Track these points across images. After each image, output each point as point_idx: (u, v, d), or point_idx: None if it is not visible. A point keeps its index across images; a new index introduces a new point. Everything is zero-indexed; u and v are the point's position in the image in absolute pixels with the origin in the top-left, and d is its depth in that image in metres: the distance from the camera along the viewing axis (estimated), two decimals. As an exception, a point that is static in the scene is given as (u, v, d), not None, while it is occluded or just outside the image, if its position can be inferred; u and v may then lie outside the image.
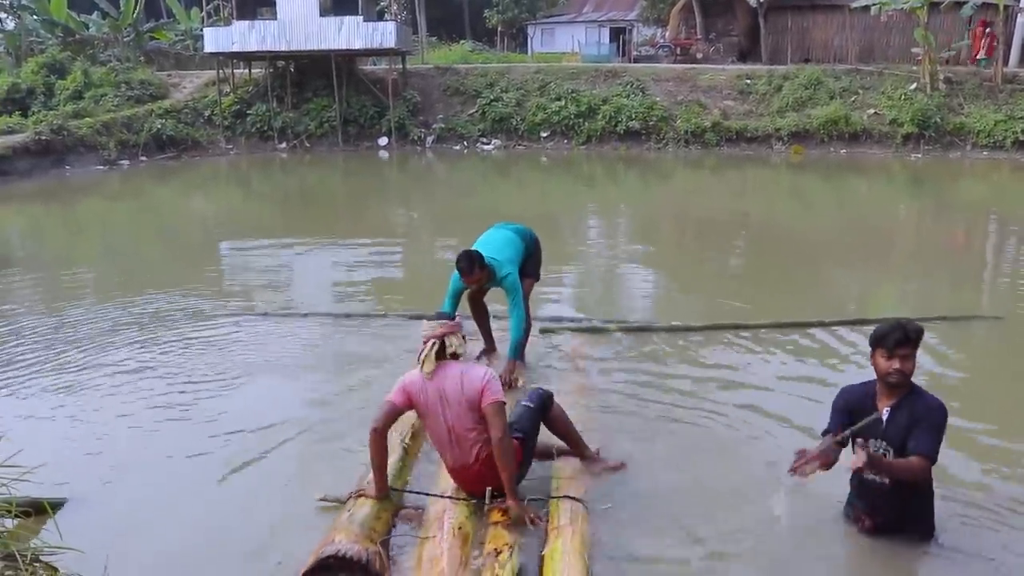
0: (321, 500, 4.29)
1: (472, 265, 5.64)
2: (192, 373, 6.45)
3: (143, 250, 12.55)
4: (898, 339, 3.65)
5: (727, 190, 19.17)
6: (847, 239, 12.70)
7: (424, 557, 3.76)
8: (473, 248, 5.85)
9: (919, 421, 3.66)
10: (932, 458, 3.65)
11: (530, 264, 6.32)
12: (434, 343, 3.99)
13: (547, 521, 3.98)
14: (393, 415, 4.06)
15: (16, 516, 3.83)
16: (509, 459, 3.90)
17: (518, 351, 5.94)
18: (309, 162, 24.60)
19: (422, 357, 4.00)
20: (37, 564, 3.45)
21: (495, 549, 3.72)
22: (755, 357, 6.67)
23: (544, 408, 4.42)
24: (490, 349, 6.58)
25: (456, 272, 5.74)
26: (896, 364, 3.65)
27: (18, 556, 3.32)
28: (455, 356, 4.03)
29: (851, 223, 14.46)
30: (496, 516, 4.00)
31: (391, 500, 4.14)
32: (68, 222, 16.12)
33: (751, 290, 8.95)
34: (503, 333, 6.41)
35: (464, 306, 6.13)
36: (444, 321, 4.06)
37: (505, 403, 3.96)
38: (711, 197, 18.01)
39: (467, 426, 3.96)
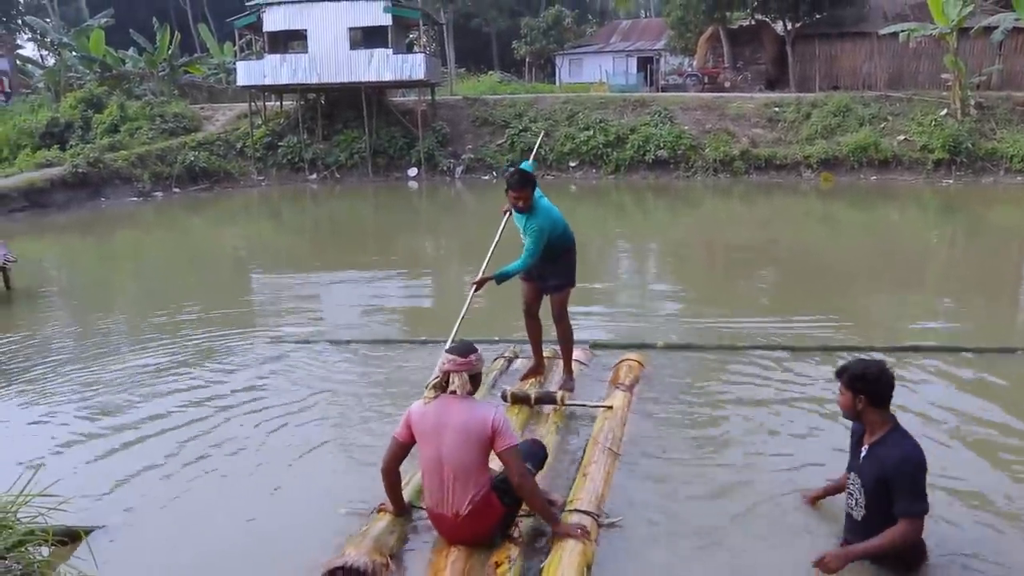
0: (347, 512, 4.44)
1: (523, 183, 5.77)
2: (226, 401, 6.50)
3: (177, 280, 12.70)
4: (837, 375, 3.86)
5: (757, 218, 19.08)
6: (880, 266, 12.58)
7: (431, 570, 3.91)
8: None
9: (890, 480, 3.64)
10: (917, 514, 3.62)
11: (565, 263, 6.17)
12: (438, 377, 4.03)
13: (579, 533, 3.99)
14: (398, 453, 4.09)
15: (52, 544, 3.87)
16: (534, 496, 3.94)
17: (501, 276, 5.78)
18: (339, 193, 24.85)
19: (428, 384, 4.10)
20: (71, 592, 3.48)
21: (495, 562, 3.86)
22: (794, 377, 6.63)
23: (539, 467, 4.42)
24: (538, 368, 6.43)
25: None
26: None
27: (53, 584, 3.35)
28: (469, 393, 3.99)
29: (884, 250, 14.33)
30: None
31: (409, 516, 4.29)
32: (104, 253, 16.37)
33: (790, 315, 8.87)
34: (553, 359, 6.61)
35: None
36: (453, 358, 3.97)
37: (517, 445, 3.95)
38: (741, 225, 17.93)
39: (460, 465, 3.88)
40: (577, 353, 6.69)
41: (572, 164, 26.28)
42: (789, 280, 11.67)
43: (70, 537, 4.13)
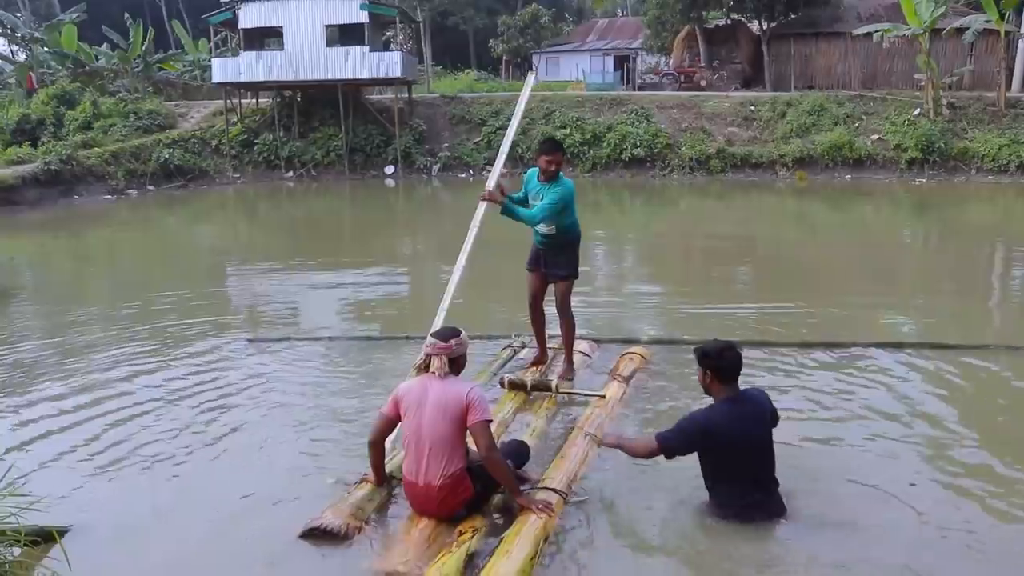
0: (334, 482, 4.72)
1: (555, 148, 6.06)
2: (199, 397, 6.45)
3: (151, 278, 12.59)
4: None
5: (733, 216, 19.20)
6: (853, 264, 12.71)
7: (401, 533, 4.21)
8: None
9: None
10: (659, 439, 4.29)
11: (571, 258, 6.31)
12: (424, 359, 4.34)
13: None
14: (384, 426, 4.41)
15: (24, 544, 3.84)
16: (501, 468, 4.18)
17: (509, 209, 6.12)
18: (316, 191, 24.74)
19: (413, 366, 4.49)
20: (45, 592, 3.45)
21: (459, 531, 4.09)
22: (781, 373, 6.69)
23: (518, 465, 4.62)
24: (541, 358, 6.56)
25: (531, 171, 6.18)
26: None
27: (26, 584, 3.32)
28: (453, 372, 4.28)
29: (858, 248, 14.48)
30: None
31: (389, 486, 4.58)
32: (77, 251, 16.20)
33: (768, 311, 8.93)
34: (558, 350, 6.71)
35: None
36: (435, 342, 4.26)
37: (491, 421, 4.23)
38: (717, 223, 18.03)
39: (437, 438, 4.14)
40: (583, 345, 6.88)
41: (549, 162, 26.26)
42: (764, 277, 11.75)
43: (43, 537, 4.08)
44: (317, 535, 4.13)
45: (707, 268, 12.66)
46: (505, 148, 6.45)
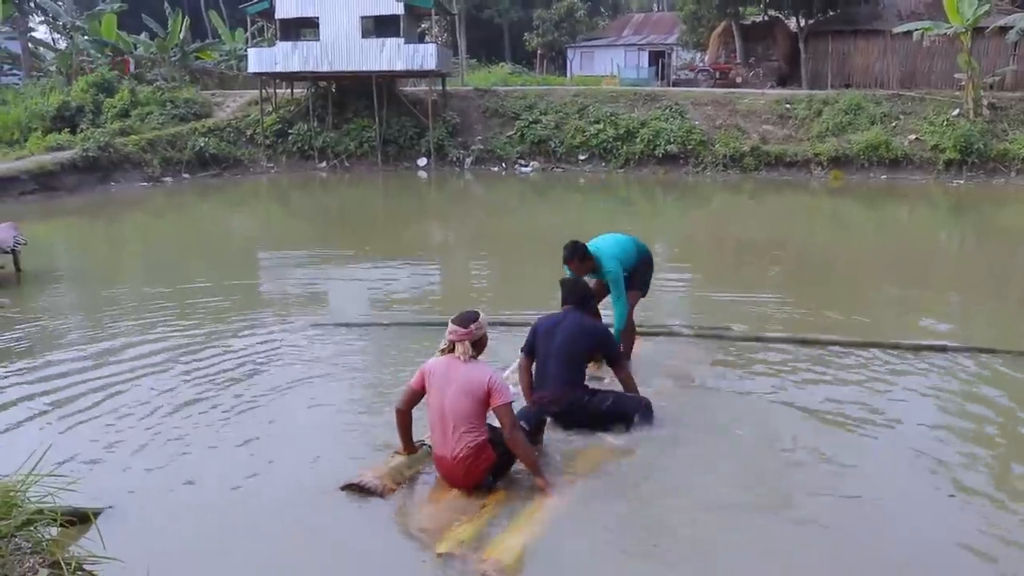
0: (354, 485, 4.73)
1: (573, 253, 6.12)
2: (236, 380, 6.55)
3: (187, 263, 12.73)
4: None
5: (766, 215, 19.05)
6: (887, 265, 12.58)
7: (431, 498, 4.65)
8: (580, 241, 6.22)
9: None
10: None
11: (637, 277, 6.60)
12: (448, 344, 4.63)
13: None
14: (410, 398, 4.74)
15: (60, 524, 3.90)
16: (522, 448, 4.56)
17: (619, 338, 6.24)
18: (349, 181, 24.88)
19: (439, 350, 4.70)
20: (80, 573, 3.51)
21: (483, 504, 4.48)
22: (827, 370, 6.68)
23: (535, 431, 5.04)
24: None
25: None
26: None
27: (63, 564, 3.38)
28: (473, 358, 4.60)
29: (892, 249, 14.33)
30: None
31: (424, 454, 4.91)
32: (114, 236, 16.43)
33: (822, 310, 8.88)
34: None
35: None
36: (456, 328, 4.58)
37: (511, 403, 4.52)
38: (750, 222, 17.91)
39: (462, 417, 4.49)
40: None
41: (582, 157, 26.25)
42: (793, 276, 11.66)
43: (79, 518, 4.16)
44: (355, 490, 4.58)
45: (736, 266, 12.58)
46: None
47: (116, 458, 5.23)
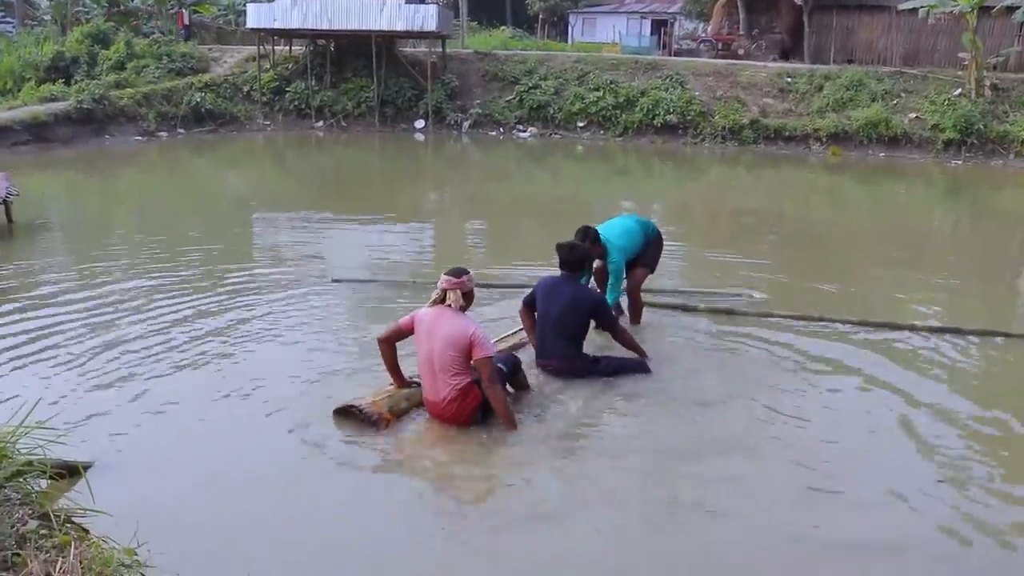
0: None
1: (584, 238, 6.41)
2: (226, 333, 6.57)
3: (180, 217, 12.67)
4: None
5: (763, 189, 19.02)
6: (882, 243, 12.59)
7: (425, 430, 5.13)
8: (591, 226, 6.57)
9: None
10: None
11: (647, 255, 7.06)
12: (440, 293, 5.05)
13: None
14: (395, 332, 5.18)
15: (50, 477, 3.90)
16: (498, 400, 4.97)
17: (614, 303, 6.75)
18: (345, 141, 24.72)
19: (432, 298, 5.11)
20: (69, 525, 3.50)
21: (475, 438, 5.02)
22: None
23: (512, 372, 5.48)
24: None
25: None
26: None
27: (52, 517, 3.38)
28: (462, 308, 5.03)
29: (888, 227, 14.33)
30: None
31: (418, 391, 5.28)
32: (108, 189, 16.32)
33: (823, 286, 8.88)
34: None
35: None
36: (449, 278, 5.02)
37: (492, 356, 4.94)
38: (747, 195, 17.88)
39: (445, 364, 4.94)
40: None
41: (580, 124, 26.09)
42: (787, 251, 11.66)
43: (68, 470, 4.16)
44: (350, 414, 5.01)
45: (732, 240, 12.56)
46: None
47: (107, 411, 5.25)
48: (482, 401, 5.02)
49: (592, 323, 6.09)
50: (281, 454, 4.77)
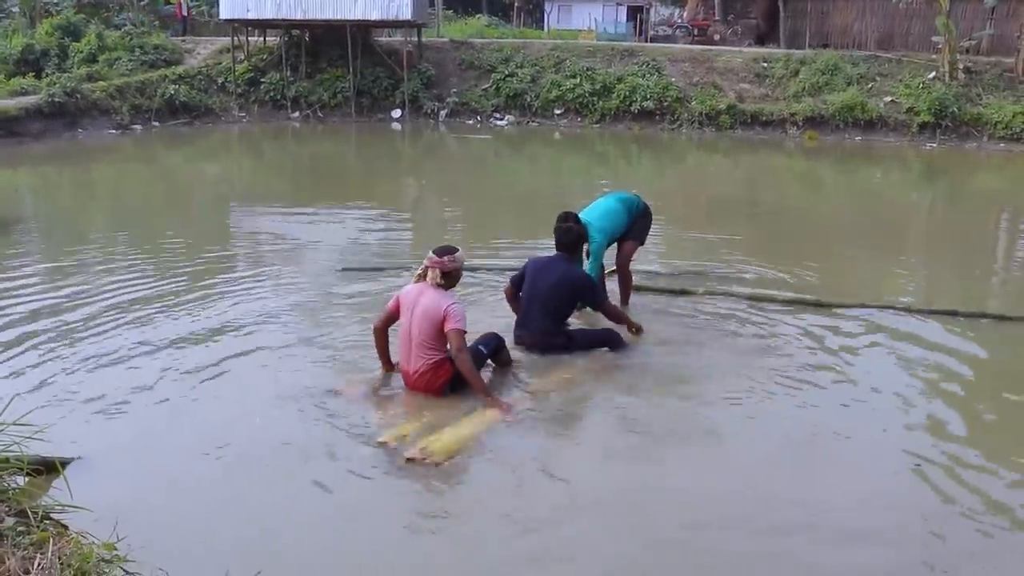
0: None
1: (564, 222, 6.40)
2: (205, 329, 6.51)
3: (158, 212, 12.57)
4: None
5: (741, 174, 19.10)
6: (858, 226, 12.68)
7: (404, 400, 5.37)
8: (572, 212, 6.61)
9: None
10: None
11: (635, 230, 7.14)
12: (423, 269, 5.29)
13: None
14: (386, 318, 5.46)
15: (27, 474, 3.86)
16: (467, 369, 5.14)
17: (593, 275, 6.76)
18: (322, 132, 24.57)
19: (415, 274, 5.40)
20: (48, 522, 3.47)
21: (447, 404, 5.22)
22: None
23: (495, 351, 5.67)
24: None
25: None
26: None
27: (30, 513, 3.34)
28: (445, 284, 5.24)
29: (864, 210, 14.43)
30: None
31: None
32: (82, 184, 16.15)
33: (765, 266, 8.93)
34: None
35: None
36: (433, 256, 5.22)
37: (464, 331, 5.12)
38: (724, 180, 17.95)
39: (422, 337, 5.17)
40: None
41: (557, 112, 26.07)
42: (764, 234, 11.71)
43: (46, 467, 4.11)
44: (337, 393, 5.32)
45: (709, 223, 12.60)
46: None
47: (86, 407, 5.19)
48: (452, 377, 5.23)
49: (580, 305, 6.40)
50: (262, 445, 4.75)
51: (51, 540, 3.09)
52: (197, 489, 4.34)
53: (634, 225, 7.12)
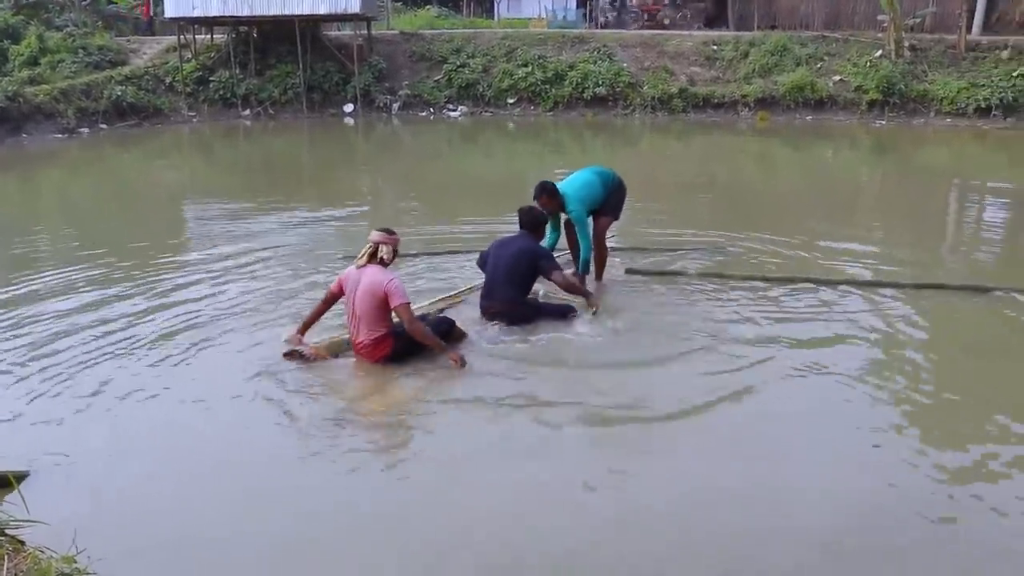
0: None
1: (542, 191, 7.02)
2: (165, 335, 6.42)
3: (107, 217, 12.35)
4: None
5: (694, 155, 19.24)
6: (812, 202, 12.83)
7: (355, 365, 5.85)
8: (549, 180, 7.10)
9: None
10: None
11: (608, 205, 7.40)
12: (370, 247, 5.66)
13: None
14: (329, 297, 5.90)
15: (-21, 489, 3.79)
16: (422, 335, 5.60)
17: (585, 267, 7.30)
18: (274, 129, 24.29)
19: (359, 255, 5.72)
20: (2, 538, 3.41)
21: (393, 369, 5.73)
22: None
23: (446, 333, 5.96)
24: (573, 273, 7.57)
25: None
26: None
27: (-17, 529, 3.28)
28: (383, 261, 5.65)
29: (817, 187, 14.62)
30: None
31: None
32: (29, 191, 15.80)
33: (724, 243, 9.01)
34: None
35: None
36: (381, 234, 5.66)
37: (409, 303, 5.58)
38: (679, 162, 18.07)
39: (366, 311, 5.58)
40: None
41: (510, 101, 26.03)
42: (721, 213, 11.81)
43: (0, 482, 4.03)
44: (297, 358, 5.73)
45: (666, 205, 12.68)
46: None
47: (39, 417, 5.10)
48: (391, 352, 5.68)
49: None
50: (219, 452, 4.70)
51: (6, 556, 3.04)
52: (156, 496, 4.29)
53: (609, 198, 7.38)
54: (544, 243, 7.08)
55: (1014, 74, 22.63)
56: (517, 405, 5.23)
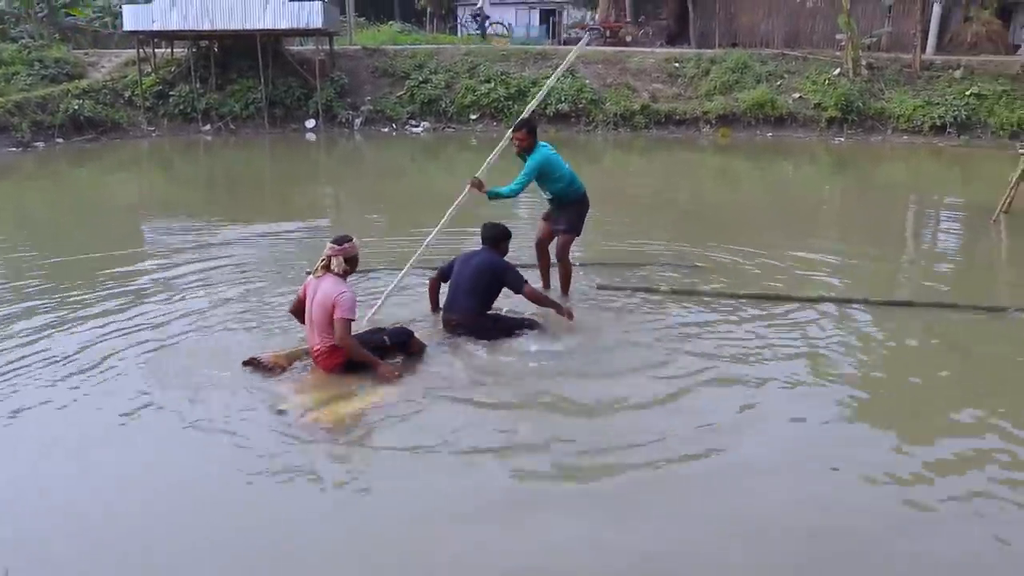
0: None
1: (521, 126, 7.29)
2: (113, 358, 6.24)
3: (61, 233, 12.09)
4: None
5: (657, 172, 19.33)
6: (772, 218, 12.92)
7: (310, 374, 5.93)
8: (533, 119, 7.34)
9: None
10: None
11: (572, 216, 7.53)
12: (324, 259, 5.77)
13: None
14: (297, 304, 6.04)
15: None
16: (354, 352, 5.69)
17: (493, 193, 7.25)
18: (234, 145, 24.03)
19: (316, 266, 5.88)
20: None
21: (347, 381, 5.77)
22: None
23: (404, 342, 6.11)
24: (544, 287, 7.77)
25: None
26: None
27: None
28: (336, 272, 5.74)
29: (777, 202, 14.74)
30: None
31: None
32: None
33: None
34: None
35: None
36: (333, 245, 5.74)
37: (350, 320, 5.62)
38: (641, 178, 18.14)
39: (319, 320, 5.70)
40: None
41: (473, 117, 26.03)
42: (682, 229, 11.84)
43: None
44: (255, 365, 5.84)
45: (630, 221, 12.70)
46: (448, 213, 7.30)
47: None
48: (345, 361, 5.74)
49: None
50: (161, 512, 4.50)
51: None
52: (91, 515, 4.15)
53: (570, 206, 7.49)
54: (505, 190, 7.24)
55: (967, 93, 23.14)
56: (464, 427, 5.16)
